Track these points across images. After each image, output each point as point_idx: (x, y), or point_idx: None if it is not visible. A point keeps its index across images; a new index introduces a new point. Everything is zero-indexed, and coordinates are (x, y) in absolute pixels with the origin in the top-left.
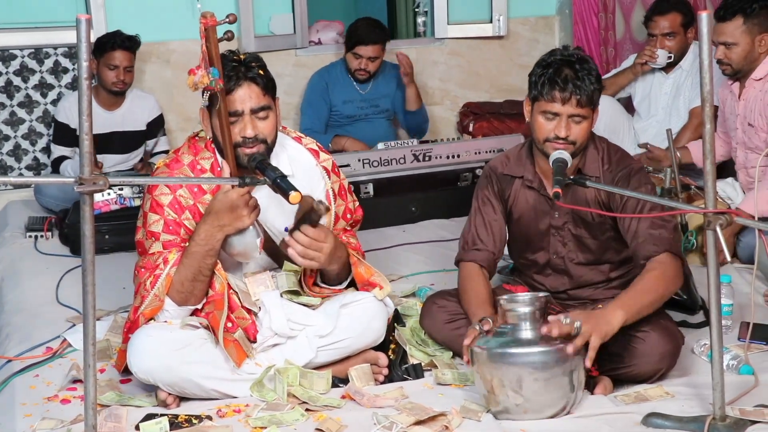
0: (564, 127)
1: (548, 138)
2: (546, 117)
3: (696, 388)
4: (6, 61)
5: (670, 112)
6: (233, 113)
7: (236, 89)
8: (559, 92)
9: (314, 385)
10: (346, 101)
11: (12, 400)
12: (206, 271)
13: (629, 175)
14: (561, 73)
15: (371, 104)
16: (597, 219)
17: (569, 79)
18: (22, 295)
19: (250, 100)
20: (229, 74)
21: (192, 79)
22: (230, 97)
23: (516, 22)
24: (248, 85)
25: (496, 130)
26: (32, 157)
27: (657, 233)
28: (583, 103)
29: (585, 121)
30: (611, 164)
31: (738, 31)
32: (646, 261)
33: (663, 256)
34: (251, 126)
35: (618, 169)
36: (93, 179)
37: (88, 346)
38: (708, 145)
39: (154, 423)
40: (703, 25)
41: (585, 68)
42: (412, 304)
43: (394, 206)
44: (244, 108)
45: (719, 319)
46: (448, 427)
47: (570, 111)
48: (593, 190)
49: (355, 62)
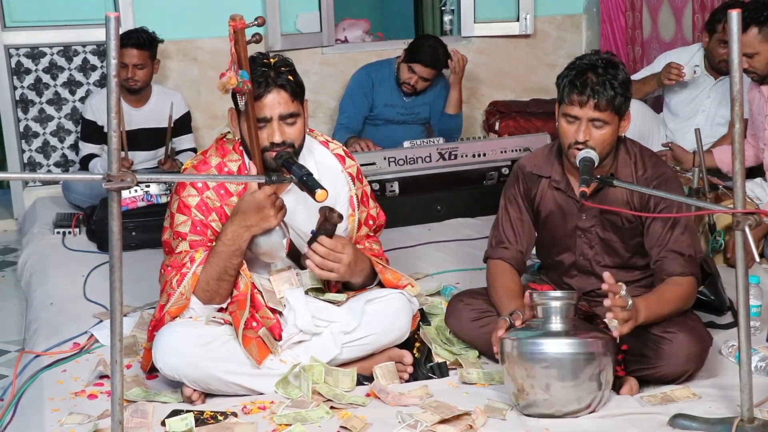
0: (583, 132)
1: (570, 144)
2: (567, 120)
3: (723, 390)
4: (35, 58)
5: (713, 118)
6: (261, 119)
7: (265, 95)
8: (577, 95)
9: (339, 382)
10: (387, 105)
11: (40, 395)
12: (232, 270)
13: (663, 184)
14: (583, 76)
15: (411, 111)
16: (627, 224)
17: (589, 83)
18: (50, 291)
19: (279, 107)
20: (258, 80)
21: (221, 81)
22: (259, 103)
23: (543, 21)
24: (277, 92)
25: (522, 129)
26: (60, 153)
27: (687, 256)
28: (602, 107)
29: (607, 126)
30: (645, 170)
31: (756, 41)
32: (670, 276)
33: (690, 278)
34: (279, 132)
35: (653, 177)
36: (121, 176)
37: (115, 342)
38: (738, 144)
39: (180, 419)
40: (733, 24)
41: (609, 73)
42: (437, 303)
43: (420, 205)
44: (273, 114)
45: (747, 321)
46: (472, 426)
47: (589, 114)
48: (625, 195)
49: (407, 75)
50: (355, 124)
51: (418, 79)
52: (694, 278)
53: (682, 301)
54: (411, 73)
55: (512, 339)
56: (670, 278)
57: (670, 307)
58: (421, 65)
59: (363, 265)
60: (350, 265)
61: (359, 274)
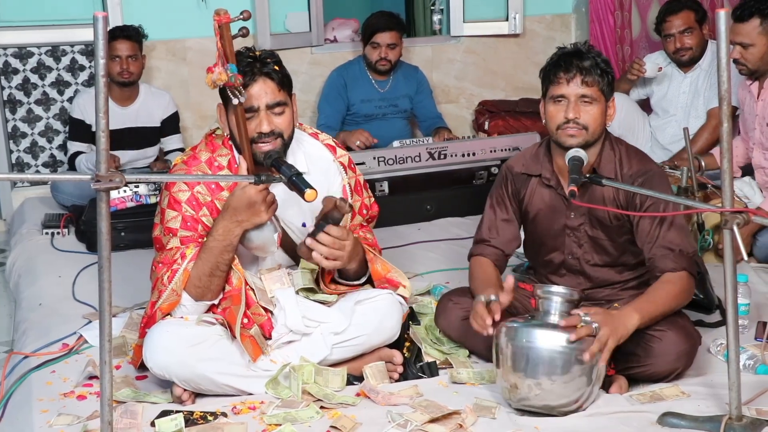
0: (572, 109)
1: (559, 124)
2: (555, 102)
3: (712, 388)
4: (23, 58)
5: (689, 111)
6: (249, 109)
7: (252, 85)
8: (564, 72)
9: (329, 382)
10: (364, 100)
11: (29, 396)
12: (223, 266)
13: (650, 181)
14: (566, 57)
15: (390, 103)
16: (614, 222)
17: (573, 60)
18: (39, 292)
19: (265, 96)
20: (244, 70)
21: (210, 77)
22: (246, 93)
23: (532, 20)
24: (263, 81)
25: (511, 128)
26: (49, 154)
27: (678, 251)
28: (589, 82)
29: (595, 103)
30: (630, 167)
31: (755, 32)
32: (663, 273)
33: (682, 273)
34: (267, 122)
35: (638, 174)
36: (109, 176)
37: (104, 342)
38: (725, 143)
39: (170, 419)
40: (721, 24)
41: (592, 53)
42: (427, 303)
43: (410, 204)
44: (260, 104)
45: (736, 319)
46: (462, 425)
47: (576, 91)
48: (611, 192)
49: (375, 53)
50: (335, 122)
51: (385, 49)
52: (687, 273)
53: (676, 299)
54: (376, 48)
55: (505, 335)
56: (663, 276)
57: (663, 306)
58: (379, 32)
59: (359, 248)
60: (350, 254)
61: (355, 259)
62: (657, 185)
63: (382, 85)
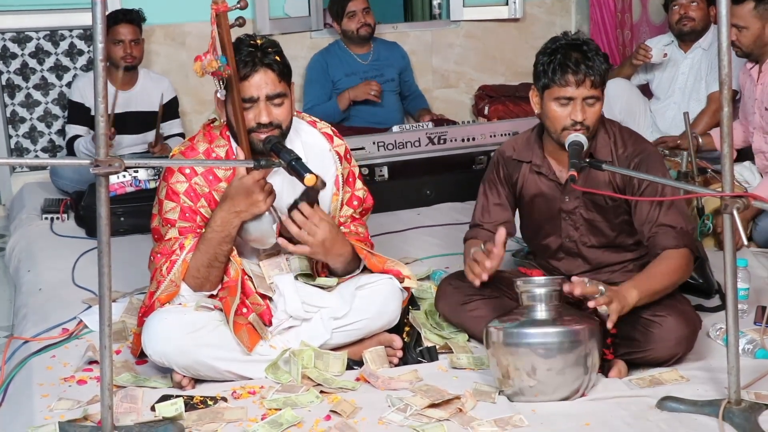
0: (580, 111)
1: (565, 126)
2: (560, 103)
3: (711, 372)
4: (21, 43)
5: (689, 94)
6: (248, 99)
7: (252, 75)
8: (573, 75)
9: (329, 366)
10: (348, 74)
11: (29, 381)
12: (222, 257)
13: (645, 161)
14: (570, 56)
15: (376, 74)
16: (611, 203)
17: (580, 61)
18: (39, 277)
19: (266, 87)
20: (245, 59)
21: (199, 64)
22: (245, 83)
23: (532, 5)
24: (264, 72)
25: (511, 113)
26: (48, 139)
27: (678, 228)
28: (597, 83)
29: (598, 102)
30: (625, 148)
31: (749, 15)
32: (663, 250)
33: (683, 251)
34: (266, 112)
35: (633, 154)
36: (108, 161)
37: (104, 327)
38: (726, 128)
39: (170, 404)
40: (722, 7)
41: (592, 49)
42: (426, 287)
43: (409, 189)
44: (260, 94)
45: (735, 303)
46: (462, 409)
47: (584, 93)
48: (607, 174)
49: (353, 22)
50: (322, 98)
51: (362, 14)
52: (689, 250)
53: (676, 273)
54: (353, 17)
55: (497, 328)
56: (663, 252)
57: (663, 281)
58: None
59: (342, 249)
60: (324, 244)
61: (337, 258)
62: (652, 165)
63: (364, 57)
